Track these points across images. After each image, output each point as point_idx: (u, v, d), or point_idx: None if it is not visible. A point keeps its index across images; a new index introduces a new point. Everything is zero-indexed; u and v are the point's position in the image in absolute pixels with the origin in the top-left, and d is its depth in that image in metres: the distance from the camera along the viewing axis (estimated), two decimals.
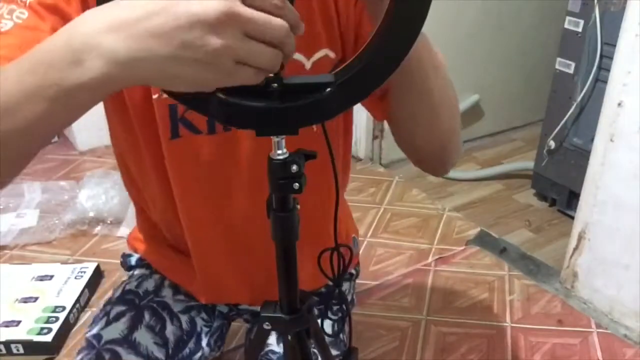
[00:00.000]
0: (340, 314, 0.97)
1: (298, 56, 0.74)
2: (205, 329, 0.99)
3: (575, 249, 1.63)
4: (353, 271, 1.09)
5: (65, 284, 1.61)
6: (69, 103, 0.46)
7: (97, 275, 1.70)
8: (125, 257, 1.05)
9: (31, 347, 1.40)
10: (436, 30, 2.47)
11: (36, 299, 1.55)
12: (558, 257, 1.78)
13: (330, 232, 0.92)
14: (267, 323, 0.72)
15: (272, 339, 0.93)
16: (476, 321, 1.59)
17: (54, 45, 0.45)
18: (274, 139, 0.58)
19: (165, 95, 0.64)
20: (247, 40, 0.44)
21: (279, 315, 0.71)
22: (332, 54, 0.55)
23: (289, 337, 0.73)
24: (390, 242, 1.92)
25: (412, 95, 0.71)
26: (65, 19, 0.63)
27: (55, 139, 2.58)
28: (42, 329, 1.43)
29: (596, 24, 1.74)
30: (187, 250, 0.92)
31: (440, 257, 1.84)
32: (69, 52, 0.44)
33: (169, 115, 0.77)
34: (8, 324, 1.45)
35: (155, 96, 0.76)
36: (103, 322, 0.90)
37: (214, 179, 0.83)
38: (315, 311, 0.75)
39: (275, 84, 0.53)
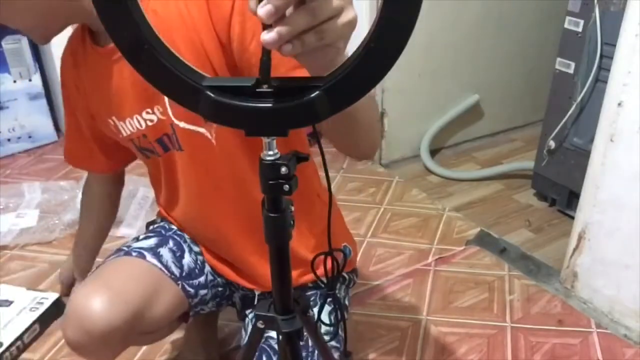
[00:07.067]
0: (334, 319, 0.98)
1: None
2: (210, 277, 1.11)
3: (575, 249, 1.63)
4: (345, 275, 1.10)
5: (18, 314, 1.41)
6: None
7: (56, 308, 1.45)
8: (150, 223, 1.21)
9: None
10: (436, 30, 2.46)
11: None
12: (558, 257, 1.78)
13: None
14: (260, 322, 0.72)
15: None
16: (476, 321, 1.58)
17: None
18: (264, 139, 0.58)
19: (123, 135, 0.99)
20: None
21: (272, 314, 0.71)
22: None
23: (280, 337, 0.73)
24: (390, 242, 1.92)
25: (352, 122, 0.75)
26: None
27: (56, 139, 2.58)
28: None
29: (596, 24, 1.74)
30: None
31: (440, 257, 1.84)
32: None
33: (135, 147, 1.01)
34: None
35: (120, 136, 1.00)
36: (132, 241, 1.08)
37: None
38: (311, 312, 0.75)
39: (265, 85, 0.53)
